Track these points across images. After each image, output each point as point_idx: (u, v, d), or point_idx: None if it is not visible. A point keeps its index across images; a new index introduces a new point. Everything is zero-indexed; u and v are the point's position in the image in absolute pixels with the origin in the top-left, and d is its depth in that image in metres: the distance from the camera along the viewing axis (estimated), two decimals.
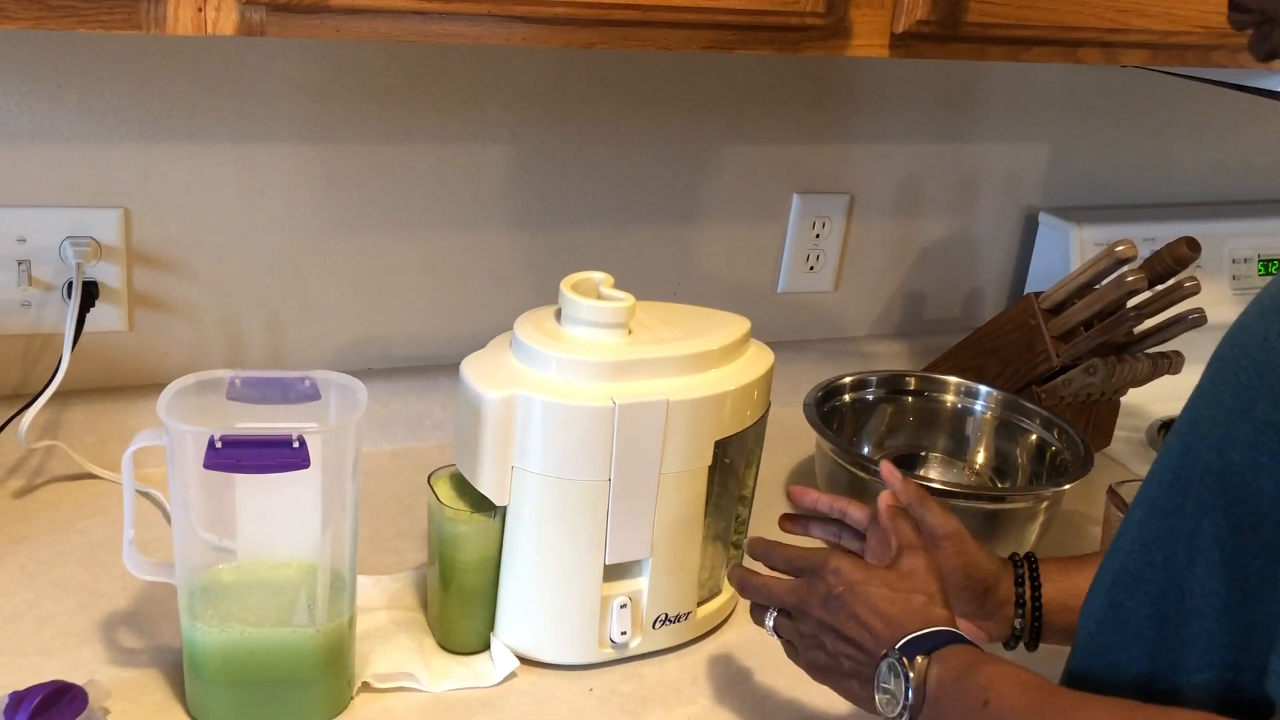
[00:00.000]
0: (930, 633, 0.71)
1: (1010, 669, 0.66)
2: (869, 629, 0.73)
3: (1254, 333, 0.56)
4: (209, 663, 0.80)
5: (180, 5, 0.75)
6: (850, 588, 0.75)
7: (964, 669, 0.67)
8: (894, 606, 0.73)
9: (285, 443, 0.74)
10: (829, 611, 0.75)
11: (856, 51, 0.95)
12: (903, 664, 0.69)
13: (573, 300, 0.89)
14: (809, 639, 0.77)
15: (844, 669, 0.75)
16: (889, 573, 0.76)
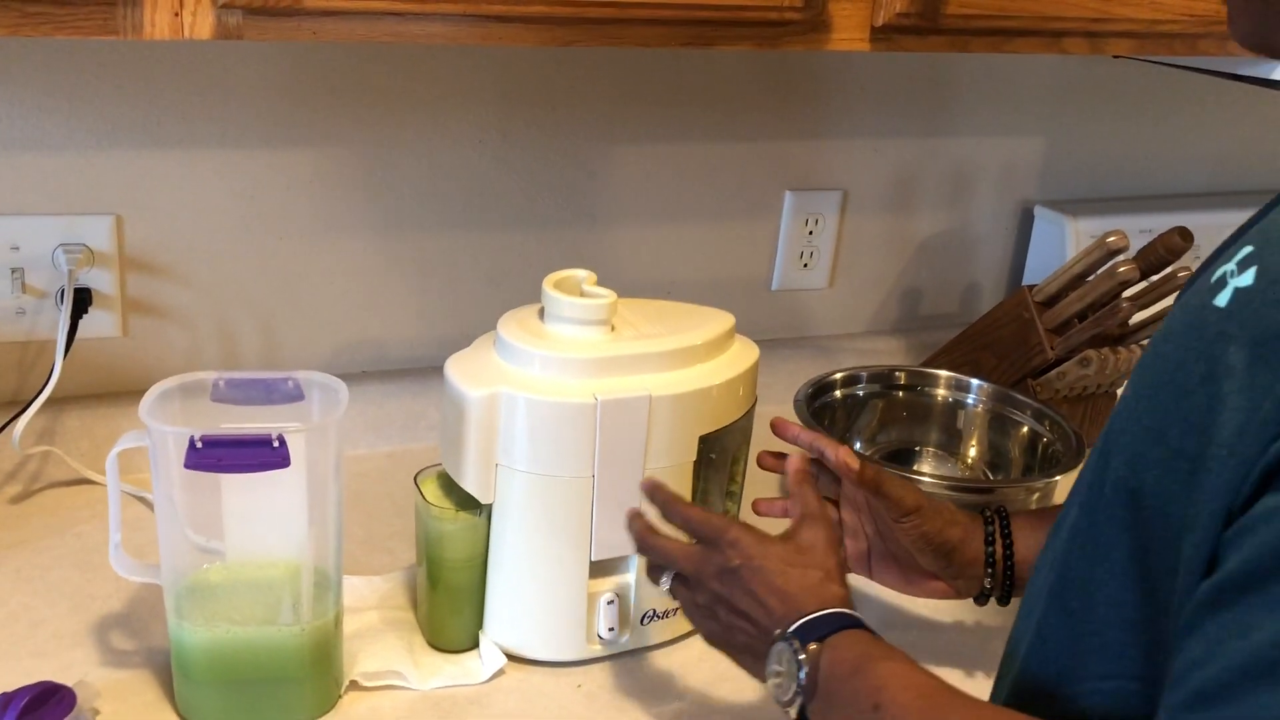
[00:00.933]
0: (825, 615, 0.70)
1: (903, 669, 0.65)
2: (764, 605, 0.72)
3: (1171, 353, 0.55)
4: (196, 662, 0.81)
5: (157, 10, 0.75)
6: (747, 561, 0.74)
7: (856, 664, 0.66)
8: (790, 583, 0.72)
9: (265, 442, 0.75)
10: (724, 585, 0.74)
11: (837, 46, 0.95)
12: (795, 648, 0.68)
13: (555, 298, 0.89)
14: (704, 609, 0.77)
15: (738, 643, 0.75)
16: (787, 547, 0.75)
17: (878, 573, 0.92)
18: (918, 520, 0.86)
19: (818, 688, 0.67)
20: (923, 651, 0.96)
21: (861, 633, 0.70)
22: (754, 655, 0.73)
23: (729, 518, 0.78)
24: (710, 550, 0.77)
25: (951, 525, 0.87)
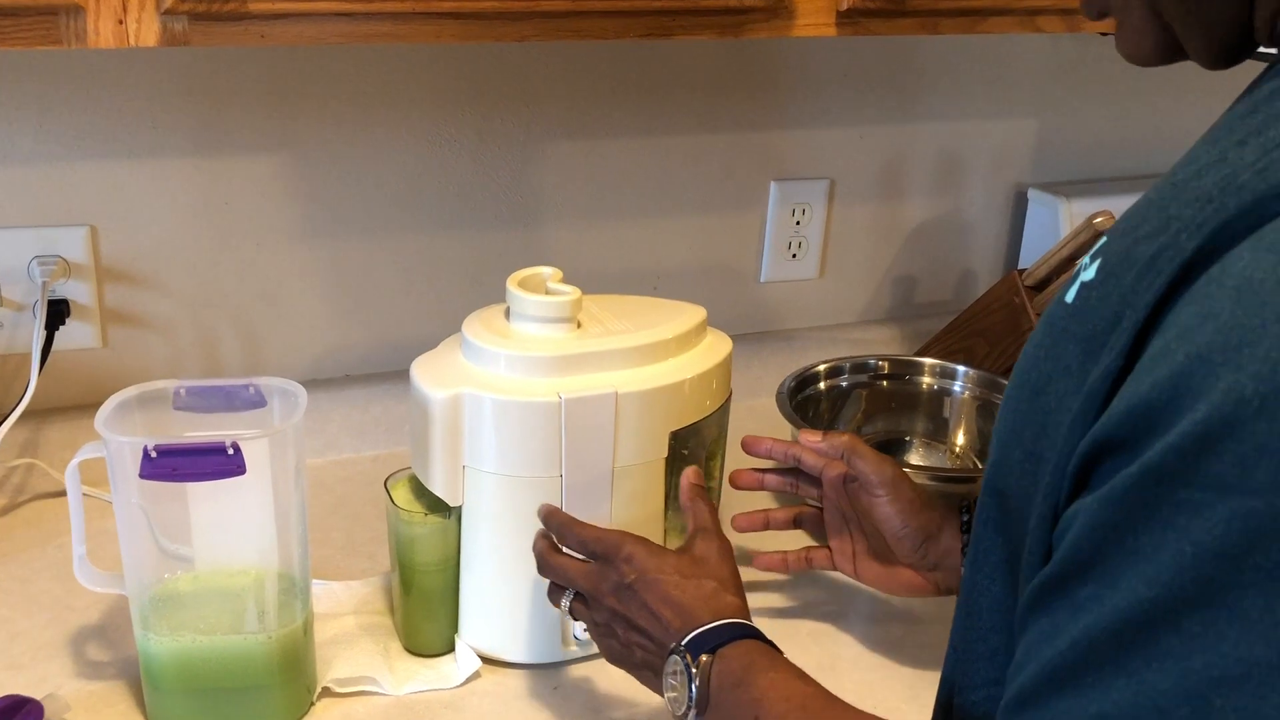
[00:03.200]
0: (717, 626, 0.70)
1: (784, 679, 0.65)
2: (659, 619, 0.72)
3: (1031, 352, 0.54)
4: (163, 672, 0.80)
5: (100, 19, 0.75)
6: (641, 576, 0.74)
7: (740, 676, 0.66)
8: (685, 595, 0.72)
9: (220, 450, 0.74)
10: (620, 601, 0.75)
11: (802, 31, 0.93)
12: (687, 661, 0.68)
13: (518, 296, 0.88)
14: (602, 626, 0.77)
15: (637, 659, 0.75)
16: (682, 559, 0.75)
17: (862, 571, 0.91)
18: (894, 491, 0.85)
19: (709, 700, 0.67)
20: (908, 647, 0.95)
21: (752, 643, 0.69)
22: (653, 670, 0.73)
23: (623, 534, 0.78)
24: (606, 567, 0.77)
25: (929, 508, 0.86)
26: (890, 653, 0.94)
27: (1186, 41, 0.55)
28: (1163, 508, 0.42)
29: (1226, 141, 0.48)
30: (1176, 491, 0.42)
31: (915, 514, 0.85)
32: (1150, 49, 0.56)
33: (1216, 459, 0.41)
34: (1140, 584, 0.42)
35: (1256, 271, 0.42)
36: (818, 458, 0.90)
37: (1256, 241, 0.42)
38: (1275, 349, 0.40)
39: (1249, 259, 0.42)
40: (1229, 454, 0.40)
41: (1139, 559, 0.43)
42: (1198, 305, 0.43)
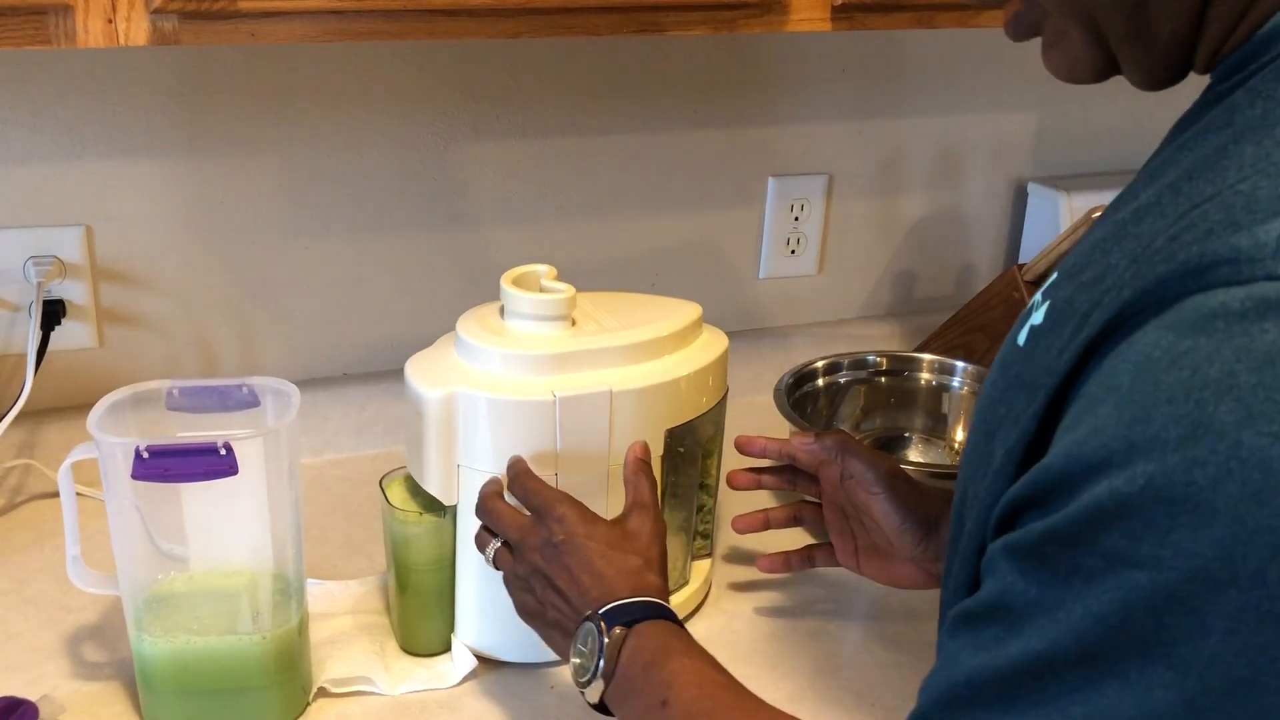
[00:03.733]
0: (636, 602, 0.70)
1: (695, 666, 0.67)
2: (578, 584, 0.73)
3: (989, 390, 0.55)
4: (158, 673, 0.80)
5: (89, 18, 0.75)
6: (570, 538, 0.75)
7: (654, 655, 0.67)
8: (609, 566, 0.73)
9: (212, 450, 0.74)
10: (544, 558, 0.75)
11: (796, 27, 0.93)
12: (600, 629, 0.69)
13: (512, 294, 0.88)
14: (521, 580, 0.77)
15: (549, 618, 0.76)
16: (613, 530, 0.76)
17: (865, 566, 0.91)
18: (890, 489, 0.85)
19: (616, 673, 0.68)
20: (906, 644, 0.95)
21: (668, 624, 0.70)
22: (563, 632, 0.74)
23: (562, 494, 0.79)
24: (537, 523, 0.78)
25: (926, 501, 0.86)
26: (889, 650, 0.94)
27: (1126, 66, 0.55)
28: (1061, 568, 0.45)
29: (1161, 183, 0.49)
30: (1075, 555, 0.44)
31: (913, 508, 0.85)
32: (1087, 72, 0.56)
33: (1109, 531, 0.43)
34: (1034, 636, 0.45)
35: (1154, 350, 0.43)
36: (812, 456, 0.90)
37: (1159, 320, 0.43)
38: (1165, 430, 0.42)
39: (1151, 337, 0.43)
40: (1119, 528, 0.43)
41: (1036, 612, 0.46)
42: (1104, 379, 0.45)
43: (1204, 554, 0.41)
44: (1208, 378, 0.41)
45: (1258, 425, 0.40)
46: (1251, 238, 0.42)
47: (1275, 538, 0.40)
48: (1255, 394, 0.40)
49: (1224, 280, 0.42)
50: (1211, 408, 0.41)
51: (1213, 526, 0.41)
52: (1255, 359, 0.41)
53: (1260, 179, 0.44)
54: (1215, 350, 0.41)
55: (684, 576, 0.97)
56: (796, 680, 0.90)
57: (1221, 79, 0.52)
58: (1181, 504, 0.41)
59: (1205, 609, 0.41)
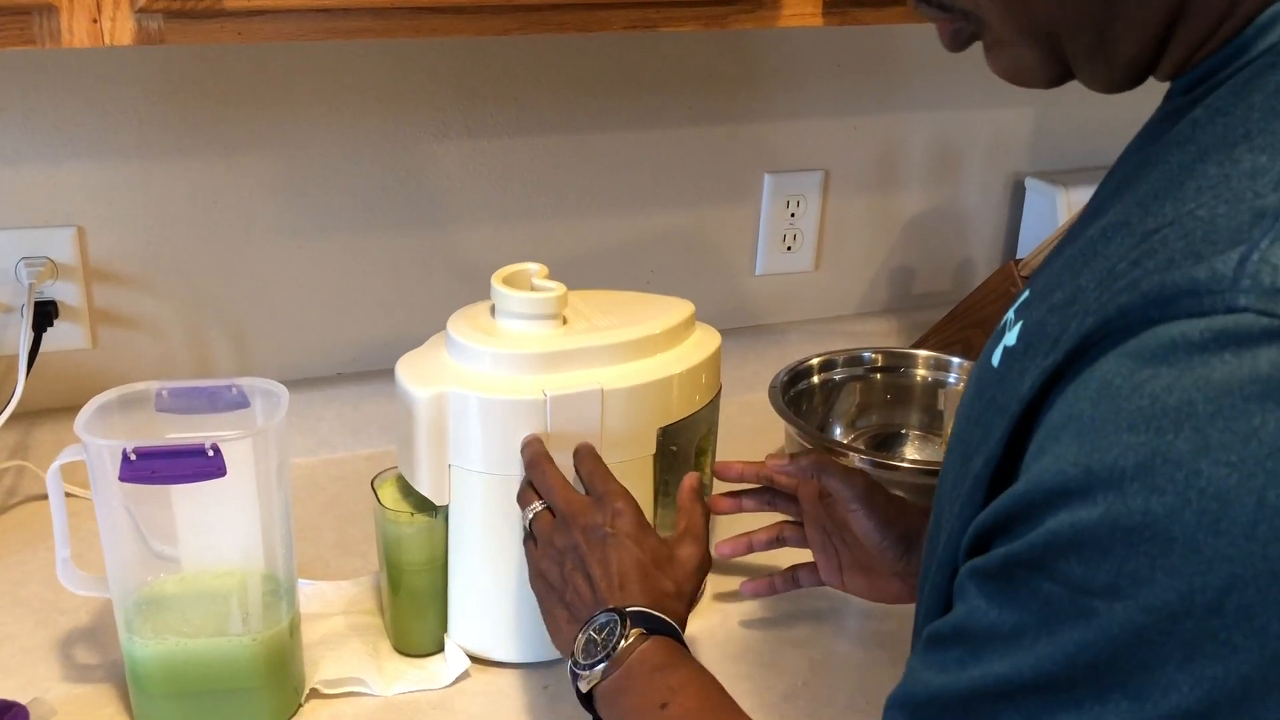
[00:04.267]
0: (660, 618, 0.71)
1: (703, 681, 0.68)
2: (610, 579, 0.73)
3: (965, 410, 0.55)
4: (148, 675, 0.80)
5: (74, 18, 0.74)
6: (620, 534, 0.75)
7: (664, 662, 0.68)
8: (645, 578, 0.73)
9: (200, 452, 0.74)
10: (588, 541, 0.75)
11: (788, 22, 0.92)
12: (623, 623, 0.70)
13: (503, 293, 0.88)
14: (554, 552, 0.77)
15: (565, 597, 0.76)
16: (662, 548, 0.76)
17: (849, 583, 0.90)
18: (868, 506, 0.85)
19: (620, 669, 0.68)
20: (901, 643, 0.94)
21: (682, 647, 0.71)
22: (570, 617, 0.74)
23: (627, 491, 0.79)
24: (594, 506, 0.78)
25: (906, 516, 0.85)
26: (882, 648, 0.94)
27: (1082, 77, 0.55)
28: (1023, 595, 0.45)
29: (1129, 199, 0.49)
30: (1036, 583, 0.45)
31: (893, 523, 0.85)
32: (1039, 81, 0.56)
33: (1069, 560, 0.43)
34: (995, 661, 0.46)
35: (1115, 379, 0.43)
36: (789, 477, 0.90)
37: (1120, 350, 0.43)
38: (1123, 458, 0.42)
39: (1112, 366, 0.43)
40: (1078, 557, 0.43)
41: (998, 637, 0.46)
42: (1067, 407, 0.45)
43: (1161, 584, 0.41)
44: (1166, 407, 0.41)
45: (1215, 455, 0.40)
46: (1210, 269, 0.42)
47: (1232, 568, 0.40)
48: (1213, 423, 0.40)
49: (1185, 311, 0.42)
50: (1170, 437, 0.41)
51: (1170, 556, 0.41)
52: (1213, 389, 0.41)
53: (1219, 205, 0.44)
54: (1175, 380, 0.41)
55: None
56: (790, 679, 0.90)
57: (1183, 91, 0.52)
58: (1139, 533, 0.41)
59: (1162, 639, 0.41)
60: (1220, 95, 0.49)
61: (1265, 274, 0.41)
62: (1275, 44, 0.48)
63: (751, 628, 0.96)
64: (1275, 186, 0.43)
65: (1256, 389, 0.40)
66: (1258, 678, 0.41)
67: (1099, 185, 0.60)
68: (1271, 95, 0.46)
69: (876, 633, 0.96)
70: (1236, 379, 0.40)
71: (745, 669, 0.91)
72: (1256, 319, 0.40)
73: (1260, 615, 0.40)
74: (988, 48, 0.56)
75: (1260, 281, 0.41)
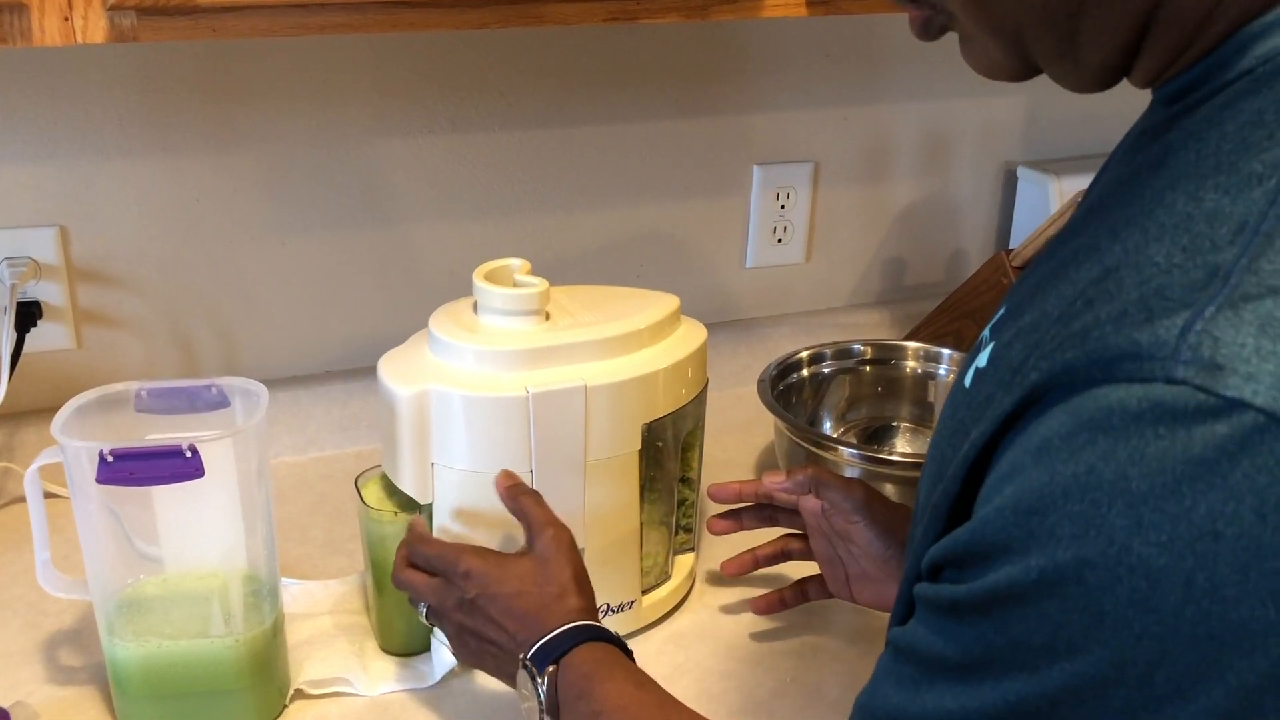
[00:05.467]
0: (559, 635, 0.70)
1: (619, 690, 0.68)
2: (505, 630, 0.73)
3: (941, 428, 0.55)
4: (130, 678, 0.79)
5: (45, 16, 0.74)
6: (482, 591, 0.75)
7: (582, 687, 0.68)
8: (527, 603, 0.73)
9: (177, 453, 0.73)
10: (466, 616, 0.76)
11: (771, 12, 0.91)
12: (533, 673, 0.70)
13: (484, 289, 0.87)
14: (455, 637, 0.78)
15: (491, 667, 0.76)
16: (522, 563, 0.76)
17: (857, 594, 0.89)
18: (868, 515, 0.84)
19: (559, 707, 0.69)
20: None
21: (593, 648, 0.70)
22: (509, 677, 0.75)
23: (461, 549, 0.78)
24: (448, 584, 0.77)
25: (906, 524, 0.84)
26: (874, 644, 0.93)
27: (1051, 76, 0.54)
28: (969, 636, 0.46)
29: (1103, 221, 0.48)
30: (981, 628, 0.45)
31: (894, 531, 0.84)
32: (1007, 75, 0.55)
33: (1009, 615, 0.44)
34: (945, 694, 0.46)
35: (1055, 439, 0.43)
36: (788, 492, 0.89)
37: (1064, 406, 0.43)
38: (1059, 526, 0.42)
39: (1055, 423, 0.43)
40: (1017, 614, 0.43)
41: (946, 672, 0.47)
42: (1013, 456, 0.45)
43: (1094, 653, 0.41)
44: (1102, 478, 0.41)
45: (1147, 534, 0.40)
46: (1153, 334, 0.41)
47: (1161, 644, 0.40)
48: (1146, 501, 0.40)
49: (1125, 375, 0.41)
50: (1105, 509, 0.41)
51: (1101, 627, 0.41)
52: (1147, 465, 0.40)
53: (1176, 253, 0.43)
54: (1111, 450, 0.41)
55: (666, 572, 0.96)
56: (779, 674, 0.89)
57: (1164, 102, 0.51)
58: (1073, 601, 0.42)
59: (1097, 702, 0.42)
60: (1196, 119, 0.48)
61: (1206, 346, 0.40)
62: (1253, 68, 0.46)
63: (740, 623, 0.95)
64: (1232, 237, 0.42)
65: (1189, 470, 0.40)
66: None
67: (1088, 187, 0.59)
68: (1244, 126, 0.45)
69: (865, 627, 0.95)
70: (1170, 457, 0.40)
71: (734, 665, 0.90)
72: (1193, 394, 0.40)
73: (1190, 689, 0.40)
74: (960, 40, 0.55)
75: (1200, 354, 0.40)
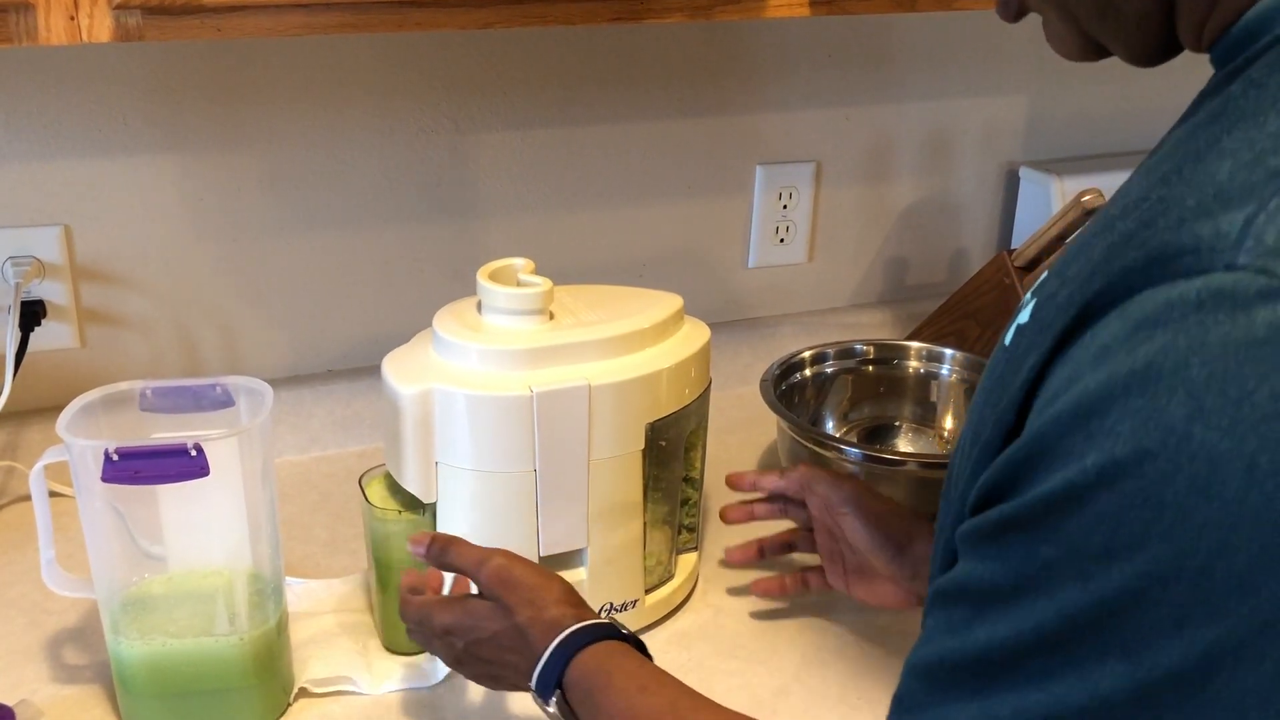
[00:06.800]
0: (552, 654, 0.69)
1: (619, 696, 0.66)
2: (507, 665, 0.72)
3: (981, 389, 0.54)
4: (135, 676, 0.80)
5: (50, 15, 0.74)
6: (468, 641, 0.74)
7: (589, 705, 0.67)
8: (513, 639, 0.72)
9: (182, 452, 0.73)
10: (470, 664, 0.75)
11: (774, 13, 0.92)
12: (541, 704, 0.70)
13: (488, 289, 0.87)
14: (476, 679, 0.77)
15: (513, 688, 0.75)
16: (485, 606, 0.74)
17: (853, 588, 0.90)
18: (858, 508, 0.85)
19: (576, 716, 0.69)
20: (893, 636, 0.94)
21: (587, 656, 0.69)
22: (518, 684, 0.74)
23: (431, 604, 0.76)
24: (440, 642, 0.76)
25: (896, 519, 0.85)
26: (875, 643, 0.93)
27: (1107, 44, 0.55)
28: (1019, 556, 0.45)
29: (1154, 177, 0.48)
30: (1032, 544, 0.44)
31: (882, 524, 0.85)
32: (1074, 50, 0.56)
33: (1064, 521, 0.43)
34: (1000, 623, 0.45)
35: (1113, 341, 0.43)
36: (792, 482, 0.90)
37: (1120, 310, 0.43)
38: (1118, 423, 0.41)
39: (1112, 328, 0.43)
40: (1073, 519, 0.43)
41: (998, 599, 0.46)
42: (1069, 368, 0.44)
43: (1153, 548, 0.41)
44: (1161, 370, 0.41)
45: (1208, 420, 0.40)
46: (1214, 227, 0.41)
47: (1222, 534, 0.40)
48: (1207, 387, 0.40)
49: (1184, 271, 0.41)
50: (1164, 401, 0.40)
51: (1161, 520, 0.41)
52: (1208, 352, 0.40)
53: (1239, 167, 0.43)
54: (1170, 343, 0.41)
55: (669, 571, 0.96)
56: (782, 674, 0.89)
57: (1221, 63, 0.51)
58: (1131, 497, 0.41)
59: (1154, 602, 0.41)
60: (1257, 68, 0.47)
61: (1270, 233, 0.40)
62: None
63: (743, 622, 0.95)
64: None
65: (1251, 352, 0.39)
66: (1249, 642, 0.40)
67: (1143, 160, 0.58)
68: None
69: (869, 626, 0.95)
70: (1231, 341, 0.40)
71: (737, 665, 0.90)
72: (1254, 278, 0.40)
73: (1251, 581, 0.40)
74: (1043, 24, 0.57)
75: (1263, 240, 0.40)
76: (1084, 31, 0.55)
